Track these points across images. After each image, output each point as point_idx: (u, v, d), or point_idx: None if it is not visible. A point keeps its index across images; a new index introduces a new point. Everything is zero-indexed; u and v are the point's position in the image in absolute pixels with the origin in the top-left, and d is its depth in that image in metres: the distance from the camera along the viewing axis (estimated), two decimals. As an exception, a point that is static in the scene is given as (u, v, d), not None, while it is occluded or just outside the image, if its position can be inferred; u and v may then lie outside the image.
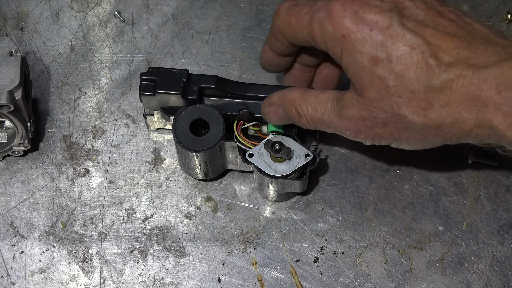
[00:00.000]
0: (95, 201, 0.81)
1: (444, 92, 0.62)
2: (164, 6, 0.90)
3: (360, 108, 0.66)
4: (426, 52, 0.63)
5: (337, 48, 0.66)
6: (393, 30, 0.64)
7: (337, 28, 0.65)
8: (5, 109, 0.75)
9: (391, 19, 0.64)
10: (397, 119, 0.65)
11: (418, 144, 0.68)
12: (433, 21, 0.65)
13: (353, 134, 0.69)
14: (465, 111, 0.62)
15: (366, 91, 0.65)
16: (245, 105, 0.78)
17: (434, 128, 0.64)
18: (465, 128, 0.63)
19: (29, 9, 0.90)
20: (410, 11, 0.65)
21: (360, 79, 0.65)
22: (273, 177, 0.75)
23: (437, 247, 0.79)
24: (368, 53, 0.64)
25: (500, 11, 0.90)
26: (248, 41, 0.89)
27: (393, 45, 0.63)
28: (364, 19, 0.65)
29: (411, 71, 0.63)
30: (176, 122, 0.77)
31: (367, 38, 0.64)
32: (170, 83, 0.77)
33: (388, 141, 0.68)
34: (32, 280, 0.78)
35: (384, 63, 0.64)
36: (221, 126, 0.76)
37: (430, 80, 0.62)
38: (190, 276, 0.78)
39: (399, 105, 0.64)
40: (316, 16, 0.67)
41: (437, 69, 0.62)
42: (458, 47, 0.63)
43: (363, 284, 0.78)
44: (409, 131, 0.66)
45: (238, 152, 0.77)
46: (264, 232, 0.80)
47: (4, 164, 0.83)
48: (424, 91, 0.63)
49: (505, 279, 0.78)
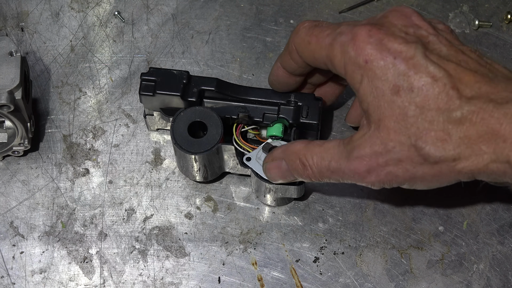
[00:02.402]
0: (95, 201, 0.81)
1: (463, 124, 0.62)
2: (164, 6, 0.90)
3: (373, 143, 0.65)
4: (448, 84, 0.62)
5: (357, 74, 0.66)
6: (417, 60, 0.64)
7: (361, 53, 0.65)
8: (5, 109, 0.75)
9: (416, 50, 0.64)
10: (413, 152, 0.64)
11: (434, 181, 0.66)
12: (455, 56, 0.65)
13: (363, 175, 0.67)
14: (483, 145, 0.61)
15: (384, 120, 0.64)
16: (245, 108, 0.77)
17: (451, 161, 0.63)
18: (482, 163, 0.62)
19: (29, 9, 0.90)
20: (433, 45, 0.65)
21: (379, 108, 0.65)
22: (269, 181, 0.75)
23: (437, 247, 0.79)
24: (390, 81, 0.64)
25: (500, 11, 0.90)
26: (248, 41, 0.89)
27: (415, 75, 0.63)
28: (389, 48, 0.64)
29: (431, 101, 0.63)
30: (174, 123, 0.76)
31: (390, 66, 0.64)
32: (170, 84, 0.77)
33: (401, 180, 0.66)
34: (32, 280, 0.78)
35: (406, 92, 0.63)
36: (219, 129, 0.76)
37: (451, 112, 0.62)
38: (190, 276, 0.78)
39: (416, 136, 0.63)
40: (339, 39, 0.67)
41: (458, 101, 0.62)
42: (479, 82, 0.63)
43: (363, 284, 0.78)
44: (424, 166, 0.65)
45: (236, 155, 0.77)
46: (264, 232, 0.80)
47: (4, 164, 0.83)
48: (444, 122, 0.62)
49: (505, 279, 0.78)
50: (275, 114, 0.77)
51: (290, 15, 0.90)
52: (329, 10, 0.90)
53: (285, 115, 0.77)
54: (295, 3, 0.90)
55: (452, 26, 0.89)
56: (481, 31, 0.89)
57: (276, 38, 0.89)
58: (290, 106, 0.77)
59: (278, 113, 0.77)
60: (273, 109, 0.78)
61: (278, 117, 0.77)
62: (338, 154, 0.68)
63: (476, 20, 0.88)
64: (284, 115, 0.77)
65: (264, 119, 0.77)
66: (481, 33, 0.89)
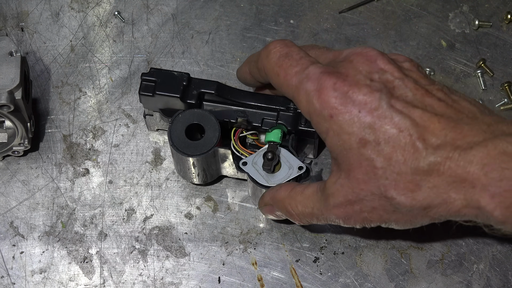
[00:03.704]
0: (95, 201, 0.81)
1: (431, 174, 0.62)
2: (164, 6, 0.90)
3: (346, 193, 0.66)
4: (414, 135, 0.63)
5: (322, 125, 0.66)
6: (382, 112, 0.64)
7: (325, 106, 0.65)
8: (5, 109, 0.75)
9: (380, 100, 0.64)
10: (385, 201, 0.65)
11: (408, 224, 0.67)
12: (421, 101, 0.64)
13: (343, 221, 0.69)
14: (453, 192, 0.62)
15: (354, 172, 0.65)
16: (244, 113, 0.77)
17: (422, 209, 0.64)
18: (453, 209, 0.63)
19: (29, 9, 0.90)
20: (399, 91, 0.65)
21: (348, 159, 0.65)
22: (264, 186, 0.75)
23: (437, 247, 0.79)
24: (356, 134, 0.64)
25: (500, 11, 0.90)
26: (248, 41, 0.89)
27: (381, 128, 0.63)
28: (353, 100, 0.64)
29: (398, 153, 0.63)
30: (172, 125, 0.76)
31: (355, 119, 0.64)
32: (170, 86, 0.77)
33: (377, 223, 0.68)
34: (32, 280, 0.78)
35: (372, 145, 0.64)
36: (217, 132, 0.76)
37: (418, 163, 0.62)
38: (190, 276, 0.78)
39: (386, 187, 0.64)
40: (304, 85, 0.67)
41: (424, 152, 0.62)
42: (445, 128, 0.62)
43: (363, 284, 0.78)
44: (397, 213, 0.65)
45: (233, 159, 0.77)
46: (264, 232, 0.80)
47: (4, 164, 0.83)
48: (412, 173, 0.63)
49: (505, 279, 0.78)
50: (274, 120, 0.77)
51: (290, 15, 0.90)
52: (329, 10, 0.90)
53: (284, 122, 0.77)
54: (295, 3, 0.90)
55: (452, 26, 0.89)
56: (481, 31, 0.89)
57: (276, 38, 0.89)
58: (290, 112, 0.77)
59: (277, 119, 0.77)
60: (272, 115, 0.77)
61: (277, 123, 0.77)
62: (318, 202, 0.69)
63: (476, 20, 0.88)
64: (283, 121, 0.77)
65: (262, 125, 0.77)
66: (481, 33, 0.89)
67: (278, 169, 0.75)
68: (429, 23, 0.89)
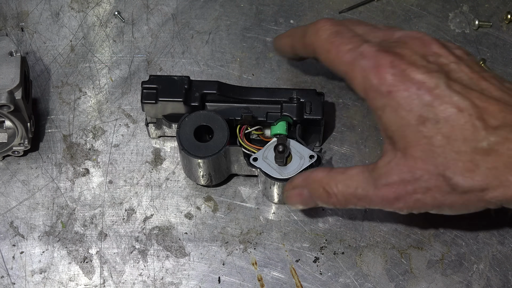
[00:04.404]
0: (95, 201, 0.81)
1: (490, 154, 0.62)
2: (164, 6, 0.90)
3: (401, 171, 0.65)
4: (473, 115, 0.62)
5: (378, 101, 0.66)
6: (440, 91, 0.64)
7: (384, 82, 0.65)
8: (5, 109, 0.75)
9: (438, 80, 0.64)
10: (442, 181, 0.64)
11: (462, 209, 0.66)
12: (477, 85, 0.65)
13: (392, 202, 0.67)
14: (511, 175, 0.61)
15: (411, 149, 0.64)
16: (248, 109, 0.77)
17: (480, 191, 0.63)
18: (509, 193, 0.62)
19: (29, 9, 0.90)
20: (455, 74, 0.65)
21: (405, 137, 0.65)
22: (278, 180, 0.75)
23: (437, 247, 0.79)
24: (415, 112, 0.64)
25: (500, 11, 0.90)
26: (248, 41, 0.89)
27: (440, 106, 0.63)
28: (411, 78, 0.64)
29: (458, 132, 0.63)
30: (180, 129, 0.76)
31: (414, 97, 0.64)
32: (172, 91, 0.77)
33: (429, 207, 0.66)
34: (32, 280, 0.78)
35: (432, 123, 0.63)
36: (225, 132, 0.76)
37: (477, 142, 0.62)
38: (190, 276, 0.78)
39: (444, 166, 0.63)
40: (360, 61, 0.67)
41: (484, 132, 0.62)
42: (503, 111, 0.63)
43: (363, 284, 0.78)
44: (453, 195, 0.64)
45: (244, 156, 0.77)
46: (264, 232, 0.80)
47: (4, 164, 0.83)
48: (471, 152, 0.62)
49: (505, 279, 0.78)
50: (278, 113, 0.77)
51: (290, 15, 0.90)
52: (329, 10, 0.90)
53: (289, 113, 0.77)
54: (295, 3, 0.90)
55: (452, 26, 0.89)
56: (481, 31, 0.89)
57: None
58: (293, 103, 0.77)
59: (281, 111, 0.77)
60: (276, 108, 0.78)
61: (282, 115, 0.77)
62: (364, 181, 0.68)
63: (476, 20, 0.88)
64: (288, 112, 0.77)
65: (267, 118, 0.77)
66: (481, 33, 0.89)
67: (290, 161, 0.76)
68: (429, 23, 0.89)
